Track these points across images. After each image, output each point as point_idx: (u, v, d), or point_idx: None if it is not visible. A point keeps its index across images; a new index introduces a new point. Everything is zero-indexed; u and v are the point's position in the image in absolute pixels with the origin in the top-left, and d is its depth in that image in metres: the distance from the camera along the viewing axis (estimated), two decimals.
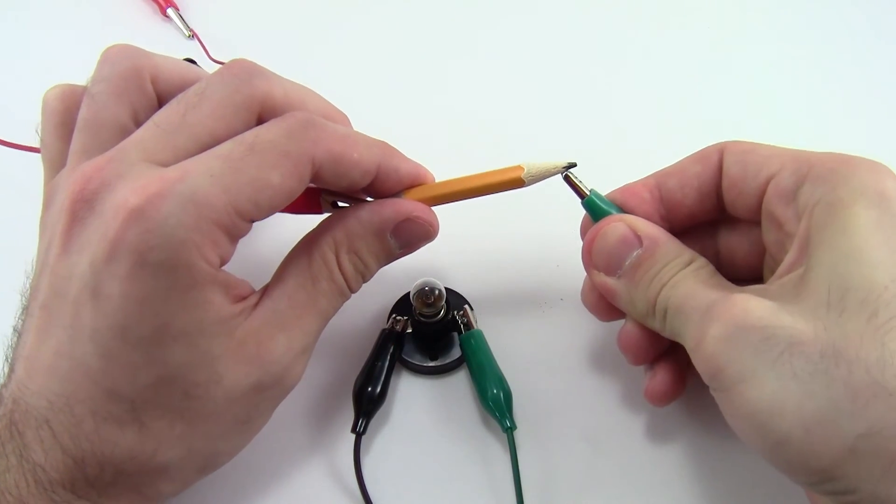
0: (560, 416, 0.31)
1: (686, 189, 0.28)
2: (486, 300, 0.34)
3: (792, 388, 0.21)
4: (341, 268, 0.26)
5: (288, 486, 0.29)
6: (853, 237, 0.22)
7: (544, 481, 0.29)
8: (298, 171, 0.24)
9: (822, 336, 0.21)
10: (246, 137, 0.23)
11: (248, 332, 0.24)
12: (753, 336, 0.22)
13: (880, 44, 0.46)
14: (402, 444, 0.30)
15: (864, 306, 0.21)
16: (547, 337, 0.33)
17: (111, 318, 0.22)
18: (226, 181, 0.22)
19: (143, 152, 0.23)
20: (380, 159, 0.26)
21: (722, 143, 0.27)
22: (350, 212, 0.27)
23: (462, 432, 0.31)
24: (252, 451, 0.29)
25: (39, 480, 0.22)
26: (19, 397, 0.23)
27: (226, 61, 0.43)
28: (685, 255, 0.26)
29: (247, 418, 0.25)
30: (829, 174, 0.23)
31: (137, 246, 0.21)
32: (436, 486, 0.29)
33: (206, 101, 0.24)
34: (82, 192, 0.23)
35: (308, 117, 0.24)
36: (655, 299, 0.26)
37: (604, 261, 0.27)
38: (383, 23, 0.47)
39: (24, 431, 0.22)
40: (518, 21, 0.47)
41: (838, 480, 0.21)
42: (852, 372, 0.20)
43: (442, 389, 0.32)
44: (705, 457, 0.30)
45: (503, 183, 0.28)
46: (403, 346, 0.32)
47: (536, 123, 0.42)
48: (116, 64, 0.26)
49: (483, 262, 0.35)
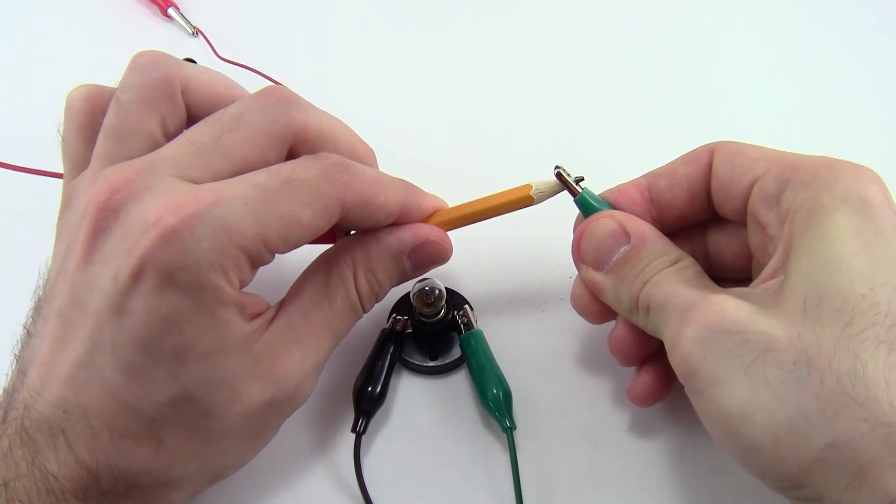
0: (560, 416, 0.31)
1: (676, 190, 0.28)
2: (486, 300, 0.34)
3: (764, 395, 0.21)
4: (357, 286, 0.27)
5: (288, 485, 0.29)
6: (832, 245, 0.22)
7: (544, 481, 0.29)
8: (329, 211, 0.24)
9: (796, 343, 0.21)
10: (282, 171, 0.24)
11: (264, 346, 0.24)
12: (728, 340, 0.22)
13: (881, 38, 0.46)
14: (402, 443, 0.30)
15: (840, 315, 0.21)
16: (547, 337, 0.33)
17: (134, 334, 0.22)
18: (259, 212, 0.23)
19: (175, 168, 0.23)
20: (403, 200, 0.27)
21: (713, 143, 0.27)
22: (369, 234, 0.28)
23: (462, 432, 0.31)
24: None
25: (51, 489, 0.22)
26: (31, 404, 0.22)
27: (230, 58, 0.44)
28: (672, 254, 0.26)
29: (258, 433, 0.26)
30: (811, 179, 0.23)
31: (167, 265, 0.21)
32: (436, 486, 0.29)
33: (243, 126, 0.24)
34: (108, 201, 0.22)
35: (342, 160, 0.25)
36: (639, 294, 0.26)
37: (592, 255, 0.27)
38: (383, 20, 0.48)
39: (36, 439, 0.22)
40: (512, 19, 0.48)
41: (806, 488, 0.21)
42: (824, 381, 0.20)
43: (442, 389, 0.32)
44: (704, 457, 0.30)
45: (513, 202, 0.29)
46: (404, 346, 0.32)
47: (534, 125, 0.42)
48: (147, 72, 0.25)
49: (483, 262, 0.35)
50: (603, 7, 0.49)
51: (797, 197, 0.23)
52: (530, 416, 0.31)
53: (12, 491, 0.21)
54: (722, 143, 0.27)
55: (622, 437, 0.30)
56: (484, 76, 0.44)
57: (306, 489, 0.29)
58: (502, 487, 0.29)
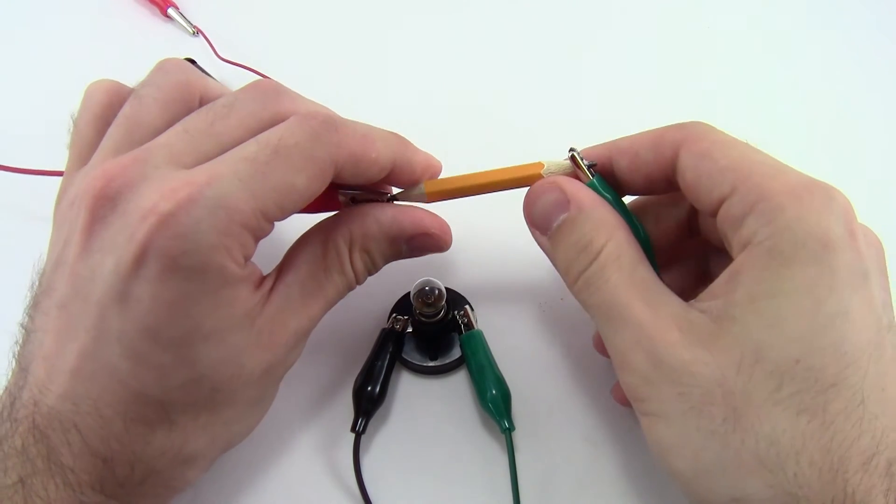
0: (560, 417, 0.31)
1: (636, 175, 0.27)
2: (486, 300, 0.34)
3: (694, 437, 0.23)
4: (353, 263, 0.27)
5: (287, 485, 0.29)
6: (780, 305, 0.21)
7: (544, 481, 0.29)
8: (323, 173, 0.24)
9: (728, 400, 0.22)
10: (271, 139, 0.24)
11: (265, 320, 0.25)
12: (672, 386, 0.23)
13: (881, 38, 0.46)
14: (401, 443, 0.30)
15: (771, 378, 0.21)
16: (547, 337, 0.33)
17: (141, 321, 0.22)
18: (253, 186, 0.23)
19: (169, 155, 0.23)
20: (395, 154, 0.27)
21: (679, 132, 0.26)
22: (369, 212, 0.28)
23: (462, 433, 0.31)
24: (252, 451, 0.30)
25: (68, 483, 0.22)
26: (40, 399, 0.22)
27: (230, 58, 0.44)
28: (604, 231, 0.25)
29: (260, 399, 0.26)
30: (774, 212, 0.22)
31: (168, 251, 0.21)
32: (435, 486, 0.29)
33: (234, 114, 0.25)
34: (104, 189, 0.22)
35: (330, 117, 0.25)
36: (578, 277, 0.26)
37: (538, 218, 0.27)
38: (383, 20, 0.48)
39: (49, 434, 0.22)
40: (514, 18, 0.48)
41: None
42: (745, 442, 0.21)
43: (442, 389, 0.32)
44: None
45: (522, 179, 0.29)
46: (403, 346, 0.32)
47: (532, 118, 0.42)
48: (171, 74, 0.26)
49: (483, 262, 0.35)
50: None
51: (758, 231, 0.22)
52: (530, 415, 0.31)
53: (30, 487, 0.21)
54: (690, 139, 0.25)
55: (622, 437, 0.30)
56: (487, 77, 0.45)
57: (306, 489, 0.29)
58: (502, 488, 0.29)
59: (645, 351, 0.23)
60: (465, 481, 0.29)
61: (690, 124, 0.26)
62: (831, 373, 0.21)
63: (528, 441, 0.30)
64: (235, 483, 0.29)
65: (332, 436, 0.30)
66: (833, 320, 0.21)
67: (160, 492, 0.24)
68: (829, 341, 0.21)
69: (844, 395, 0.21)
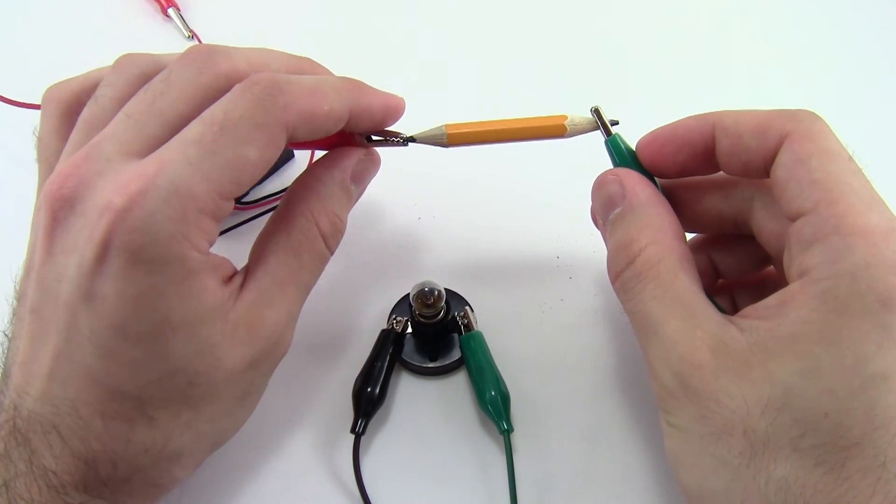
0: (559, 417, 0.31)
1: (733, 159, 0.25)
2: (486, 300, 0.34)
3: (707, 461, 0.23)
4: (321, 230, 0.27)
5: (287, 485, 0.29)
6: (821, 355, 0.21)
7: (543, 481, 0.29)
8: (274, 141, 0.24)
9: (748, 436, 0.22)
10: (215, 116, 0.23)
11: (239, 315, 0.24)
12: (695, 407, 0.23)
13: (881, 39, 0.46)
14: (401, 444, 0.30)
15: (796, 425, 0.21)
16: (547, 337, 0.33)
17: (109, 318, 0.22)
18: (204, 167, 0.22)
19: (118, 145, 0.23)
20: (349, 103, 0.26)
21: (788, 123, 0.23)
22: (312, 178, 0.28)
23: (461, 434, 0.31)
24: (252, 452, 0.30)
25: (52, 485, 0.22)
26: (20, 403, 0.23)
27: None
28: (648, 233, 0.25)
29: (246, 394, 0.26)
30: (843, 252, 0.21)
31: (128, 245, 0.21)
32: (434, 487, 0.29)
33: (172, 87, 0.24)
34: (60, 191, 0.22)
35: (272, 80, 0.24)
36: (617, 277, 0.26)
37: (599, 208, 0.28)
38: (384, 24, 0.48)
39: (30, 438, 0.22)
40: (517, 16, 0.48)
41: None
42: (755, 479, 0.22)
43: (441, 390, 0.32)
44: None
45: (545, 129, 0.29)
46: (403, 347, 0.32)
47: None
48: (125, 72, 0.25)
49: (483, 262, 0.35)
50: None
51: (821, 267, 0.21)
52: (530, 416, 0.31)
53: (13, 491, 0.22)
54: (796, 134, 0.23)
55: (622, 438, 0.30)
56: (496, 73, 0.44)
57: (305, 489, 0.29)
58: (501, 489, 0.29)
59: (673, 369, 0.23)
60: (463, 482, 0.29)
61: (801, 115, 0.24)
62: (858, 433, 0.20)
63: (527, 442, 0.30)
64: (236, 484, 0.29)
65: (331, 437, 0.30)
66: (873, 381, 0.20)
67: (147, 490, 0.24)
68: (864, 402, 0.20)
69: (867, 454, 0.20)
